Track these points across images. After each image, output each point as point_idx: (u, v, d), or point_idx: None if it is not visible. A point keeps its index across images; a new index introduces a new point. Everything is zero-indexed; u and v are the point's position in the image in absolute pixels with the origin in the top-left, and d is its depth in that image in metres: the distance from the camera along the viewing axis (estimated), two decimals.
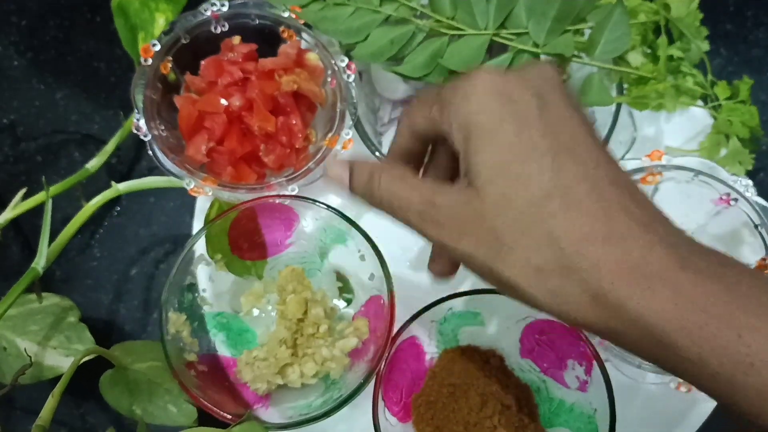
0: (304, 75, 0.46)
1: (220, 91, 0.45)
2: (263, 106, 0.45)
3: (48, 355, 0.47)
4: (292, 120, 0.46)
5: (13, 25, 0.61)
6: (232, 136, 0.45)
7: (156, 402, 0.44)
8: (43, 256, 0.46)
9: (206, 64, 0.47)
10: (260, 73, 0.45)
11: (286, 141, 0.46)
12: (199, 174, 0.45)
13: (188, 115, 0.45)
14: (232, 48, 0.47)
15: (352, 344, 0.44)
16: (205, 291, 0.47)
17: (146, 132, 0.45)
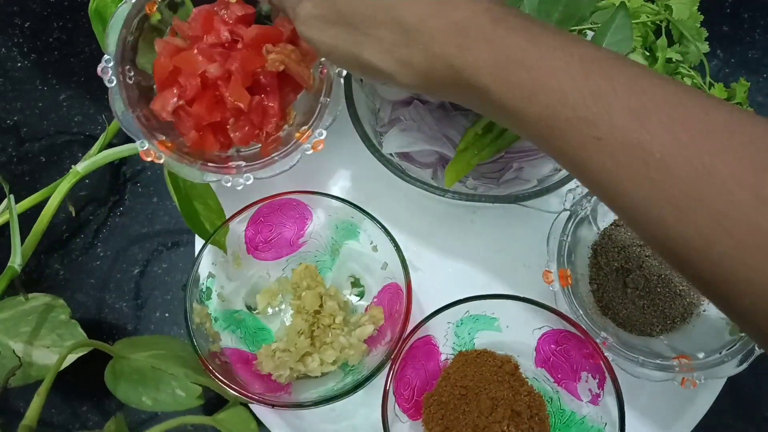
0: (295, 54, 0.43)
1: (203, 49, 0.42)
2: (241, 82, 0.42)
3: (41, 354, 0.47)
4: (268, 102, 0.44)
5: (16, 27, 0.62)
6: (202, 101, 0.42)
7: (164, 389, 0.45)
8: (18, 253, 0.46)
9: (196, 14, 0.43)
10: (249, 41, 0.42)
11: (257, 121, 0.44)
12: (156, 136, 0.43)
13: (164, 66, 0.42)
14: (228, 5, 0.43)
15: (368, 331, 0.46)
16: (223, 288, 0.48)
17: (111, 77, 0.41)
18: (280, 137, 0.45)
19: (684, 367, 0.43)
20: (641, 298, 0.47)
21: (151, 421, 0.50)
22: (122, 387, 0.45)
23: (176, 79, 0.42)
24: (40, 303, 0.48)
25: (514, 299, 0.44)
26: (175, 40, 0.43)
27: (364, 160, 0.47)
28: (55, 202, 0.48)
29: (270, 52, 0.42)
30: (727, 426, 0.49)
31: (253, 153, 0.45)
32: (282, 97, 0.44)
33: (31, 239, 0.48)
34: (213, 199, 0.48)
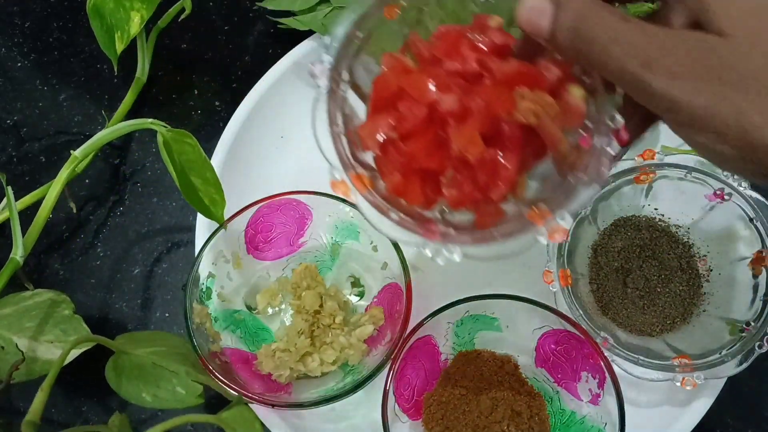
0: (553, 109, 0.32)
1: (439, 75, 0.33)
2: (478, 126, 0.32)
3: (45, 349, 0.47)
4: (504, 161, 0.33)
5: (16, 27, 0.62)
6: (422, 138, 0.33)
7: (164, 386, 0.45)
8: (19, 246, 0.46)
9: (442, 33, 0.35)
10: (501, 77, 0.32)
11: (482, 182, 0.33)
12: (353, 167, 0.34)
13: (387, 84, 0.33)
14: (485, 28, 0.34)
15: (368, 331, 0.46)
16: (223, 288, 0.48)
17: (326, 81, 0.34)
18: (502, 210, 0.35)
19: (684, 367, 0.43)
20: (641, 299, 0.47)
21: (153, 420, 0.50)
22: (123, 382, 0.45)
23: (395, 105, 0.33)
24: (44, 298, 0.48)
25: (514, 299, 0.44)
26: (406, 59, 0.34)
27: None
28: (55, 191, 0.48)
29: (523, 98, 0.31)
30: (727, 426, 0.49)
31: (461, 221, 0.36)
32: (522, 157, 0.34)
33: (33, 231, 0.48)
34: (210, 171, 0.46)
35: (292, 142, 0.55)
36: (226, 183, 0.46)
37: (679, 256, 0.48)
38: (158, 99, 0.59)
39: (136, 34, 0.51)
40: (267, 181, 0.52)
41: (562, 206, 0.32)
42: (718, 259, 0.47)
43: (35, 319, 0.47)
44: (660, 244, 0.48)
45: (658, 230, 0.49)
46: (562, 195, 0.32)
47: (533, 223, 0.32)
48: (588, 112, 0.32)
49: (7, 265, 0.46)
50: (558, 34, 0.27)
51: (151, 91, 0.59)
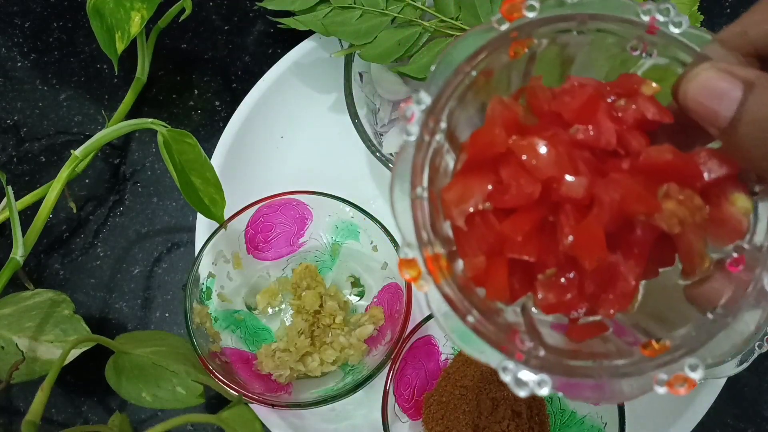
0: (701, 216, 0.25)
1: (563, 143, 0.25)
2: (604, 224, 0.24)
3: (45, 349, 0.47)
4: (626, 272, 0.25)
5: (16, 27, 0.62)
6: (525, 219, 0.25)
7: (164, 386, 0.45)
8: (20, 245, 0.46)
9: (573, 87, 0.27)
10: (644, 164, 0.25)
11: (590, 291, 0.26)
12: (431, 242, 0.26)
13: (490, 139, 0.26)
14: (633, 93, 0.26)
15: (368, 331, 0.46)
16: (223, 288, 0.48)
17: (415, 127, 0.26)
18: (605, 326, 0.27)
19: None
20: None
21: (153, 420, 0.50)
22: (123, 382, 0.45)
23: (497, 168, 0.26)
24: (44, 298, 0.48)
25: None
26: (519, 108, 0.27)
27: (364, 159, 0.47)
28: (55, 191, 0.47)
29: (669, 198, 0.24)
30: (726, 426, 0.49)
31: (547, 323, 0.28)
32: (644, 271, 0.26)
33: (33, 231, 0.47)
34: (210, 171, 0.46)
35: (292, 142, 0.55)
36: (226, 183, 0.46)
37: None
38: (158, 99, 0.59)
39: (136, 34, 0.51)
40: (267, 181, 0.52)
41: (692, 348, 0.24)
42: None
43: (35, 319, 0.47)
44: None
45: None
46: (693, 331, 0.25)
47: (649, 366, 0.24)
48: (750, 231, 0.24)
49: (7, 265, 0.46)
50: (742, 128, 0.21)
51: (151, 91, 0.59)
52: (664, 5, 0.26)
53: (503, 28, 0.26)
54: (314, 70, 0.55)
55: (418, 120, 0.26)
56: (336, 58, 0.50)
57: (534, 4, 0.26)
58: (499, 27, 0.26)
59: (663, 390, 0.23)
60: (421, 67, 0.45)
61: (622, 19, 0.26)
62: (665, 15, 0.26)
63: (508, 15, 0.26)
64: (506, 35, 0.26)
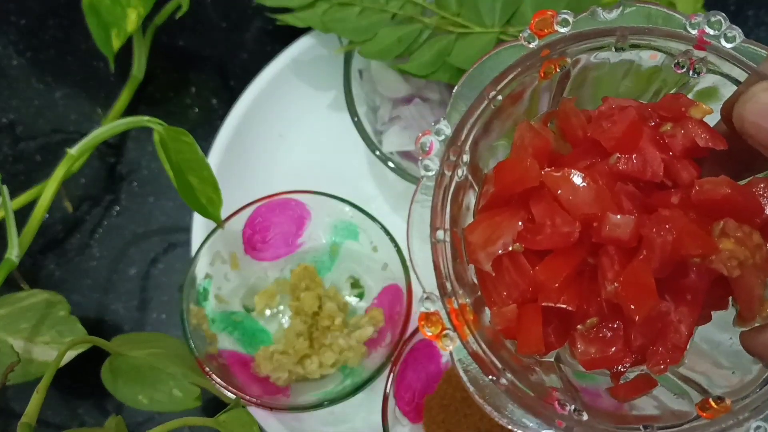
0: (761, 256, 0.22)
1: (603, 175, 0.23)
2: (655, 269, 0.21)
3: (40, 351, 0.46)
4: (678, 321, 0.22)
5: (12, 25, 0.61)
6: (562, 263, 0.22)
7: (161, 389, 0.44)
8: (15, 245, 0.46)
9: (611, 111, 0.24)
10: (698, 199, 0.22)
11: (638, 345, 0.23)
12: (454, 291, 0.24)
13: (518, 171, 0.23)
14: (680, 116, 0.23)
15: (368, 333, 0.45)
16: (221, 289, 0.47)
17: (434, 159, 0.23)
18: (654, 381, 0.24)
19: None
20: None
21: (149, 423, 0.50)
22: (119, 385, 0.44)
23: (528, 203, 0.23)
24: (39, 299, 0.47)
25: None
26: (551, 135, 0.24)
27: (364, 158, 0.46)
28: (51, 190, 0.47)
29: (726, 236, 0.21)
30: None
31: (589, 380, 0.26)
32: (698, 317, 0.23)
33: (28, 231, 0.47)
34: (207, 169, 0.45)
35: (291, 140, 0.55)
36: (224, 182, 0.46)
37: None
38: (155, 97, 0.58)
39: (132, 31, 0.51)
40: (265, 180, 0.52)
41: (757, 408, 0.21)
42: None
43: (31, 320, 0.47)
44: None
45: None
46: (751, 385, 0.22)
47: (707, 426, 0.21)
48: None
49: (2, 266, 0.45)
50: None
51: (148, 89, 0.58)
52: (716, 17, 0.23)
53: (533, 45, 0.23)
54: (313, 67, 0.55)
55: (437, 152, 0.23)
56: (335, 56, 0.50)
57: (568, 18, 0.23)
58: (529, 44, 0.23)
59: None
60: (421, 64, 0.45)
61: (668, 32, 0.23)
62: (717, 28, 0.23)
63: (538, 31, 0.23)
64: (537, 53, 0.23)
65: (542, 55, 0.24)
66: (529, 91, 0.25)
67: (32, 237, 0.47)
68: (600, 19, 0.24)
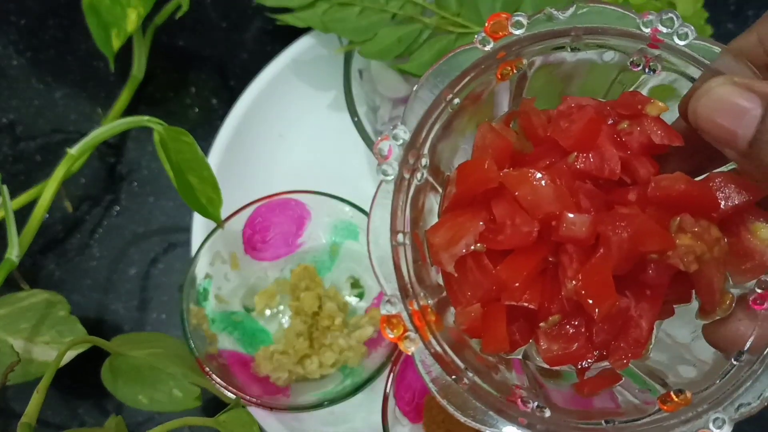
0: (720, 250, 0.22)
1: (561, 173, 0.23)
2: (613, 266, 0.22)
3: (41, 351, 0.46)
4: (639, 316, 0.23)
5: (12, 25, 0.61)
6: (523, 262, 0.23)
7: (161, 389, 0.44)
8: (15, 245, 0.45)
9: (570, 108, 0.24)
10: (655, 195, 0.22)
11: (599, 341, 0.23)
12: (415, 293, 0.24)
13: (479, 172, 0.23)
14: (637, 113, 0.24)
15: (368, 333, 0.45)
16: (221, 289, 0.47)
17: (393, 163, 0.23)
18: (618, 376, 0.25)
19: None
20: None
21: (149, 423, 0.50)
22: (119, 385, 0.44)
23: (489, 204, 0.23)
24: (39, 299, 0.47)
25: None
26: (512, 134, 0.25)
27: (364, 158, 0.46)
28: (51, 190, 0.47)
29: (683, 232, 0.21)
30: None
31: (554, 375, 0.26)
32: (659, 311, 0.23)
33: (29, 231, 0.47)
34: (207, 169, 0.45)
35: (291, 140, 0.55)
36: (224, 182, 0.46)
37: None
38: (155, 97, 0.58)
39: (132, 31, 0.51)
40: (265, 180, 0.52)
41: (717, 401, 0.21)
42: None
43: (31, 320, 0.47)
44: None
45: None
46: (712, 378, 0.22)
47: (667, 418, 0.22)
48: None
49: (3, 266, 0.45)
50: (765, 149, 0.19)
51: (148, 89, 0.58)
52: (667, 15, 0.24)
53: (488, 48, 0.23)
54: (313, 67, 0.55)
55: (396, 157, 0.23)
56: (335, 56, 0.50)
57: (521, 20, 0.23)
58: (484, 47, 0.23)
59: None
60: (421, 64, 0.45)
61: (621, 32, 0.24)
62: (669, 26, 0.23)
63: (493, 33, 0.23)
64: (492, 56, 0.23)
65: (498, 57, 0.24)
66: (488, 92, 0.25)
67: (32, 237, 0.47)
68: (555, 20, 0.24)
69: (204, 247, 0.45)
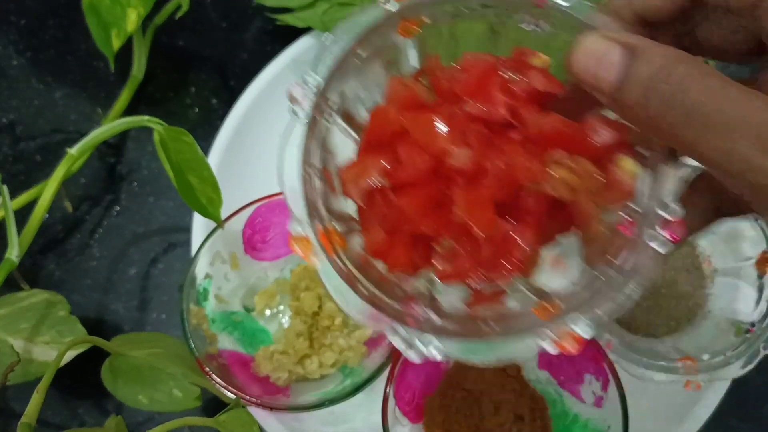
0: (593, 181, 0.25)
1: (455, 117, 0.26)
2: (492, 194, 0.25)
3: (40, 351, 0.46)
4: (520, 239, 0.26)
5: (12, 25, 0.61)
6: (419, 193, 0.26)
7: (161, 389, 0.44)
8: (15, 245, 0.46)
9: (468, 63, 0.27)
10: (534, 134, 0.25)
11: (486, 260, 0.26)
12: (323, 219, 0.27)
13: (387, 118, 0.26)
14: (525, 67, 0.27)
15: (368, 333, 0.46)
16: (221, 289, 0.47)
17: (306, 108, 0.27)
18: (505, 292, 0.28)
19: (688, 369, 0.42)
20: (645, 300, 0.46)
21: (149, 423, 0.50)
22: (119, 385, 0.44)
23: (394, 146, 0.26)
24: (39, 299, 0.48)
25: None
26: (419, 87, 0.27)
27: None
28: (51, 190, 0.47)
29: (558, 165, 0.25)
30: (731, 428, 0.49)
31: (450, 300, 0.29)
32: (542, 234, 0.27)
33: (28, 231, 0.47)
34: (207, 169, 0.45)
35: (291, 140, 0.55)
36: (224, 182, 0.46)
37: (683, 257, 0.47)
38: (155, 97, 0.58)
39: (132, 31, 0.51)
40: (265, 180, 0.51)
41: (583, 308, 0.24)
42: (723, 260, 0.47)
43: (31, 320, 0.47)
44: None
45: None
46: (585, 292, 0.25)
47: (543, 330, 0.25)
48: (637, 193, 0.25)
49: (2, 266, 0.45)
50: (628, 93, 0.21)
51: (148, 89, 0.58)
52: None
53: (390, 7, 0.26)
54: None
55: (308, 100, 0.26)
56: None
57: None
58: (386, 6, 0.26)
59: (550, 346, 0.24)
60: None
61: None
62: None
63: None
64: (396, 15, 0.26)
65: (401, 15, 0.27)
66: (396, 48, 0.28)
67: (32, 237, 0.47)
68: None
69: (204, 247, 0.45)
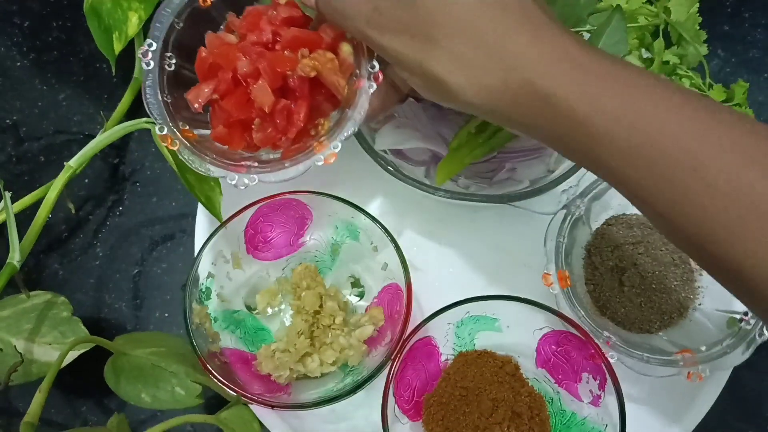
0: (332, 64, 0.40)
1: (244, 47, 0.41)
2: (268, 82, 0.40)
3: (43, 351, 0.47)
4: (296, 109, 0.41)
5: (15, 26, 0.62)
6: (232, 96, 0.41)
7: (163, 387, 0.45)
8: (16, 250, 0.46)
9: (248, 13, 0.42)
10: (285, 42, 0.40)
11: (281, 126, 0.41)
12: (180, 125, 0.42)
13: (204, 58, 0.41)
14: (277, 6, 0.42)
15: (368, 332, 0.46)
16: (223, 288, 0.48)
17: (150, 60, 0.41)
18: (306, 146, 0.42)
19: (688, 361, 0.43)
20: (638, 296, 0.47)
21: (152, 421, 0.50)
22: (122, 383, 0.45)
23: (216, 73, 0.41)
24: (41, 300, 0.48)
25: (514, 300, 0.44)
26: (228, 36, 0.42)
27: (364, 158, 0.46)
28: (51, 198, 0.48)
29: (305, 57, 0.40)
30: (728, 426, 0.49)
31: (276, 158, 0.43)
32: (313, 107, 0.42)
33: (29, 236, 0.47)
34: None
35: None
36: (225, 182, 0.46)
37: (671, 252, 0.48)
38: None
39: (134, 34, 0.51)
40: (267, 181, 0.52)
41: (337, 136, 0.40)
42: None
43: (33, 321, 0.47)
44: (652, 241, 0.48)
45: (650, 227, 0.49)
46: (338, 128, 0.40)
47: (315, 152, 0.40)
48: (356, 62, 0.40)
49: (4, 270, 0.46)
50: (319, 6, 0.38)
51: None
52: None
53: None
54: None
55: (152, 56, 0.41)
56: None
57: None
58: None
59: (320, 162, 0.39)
60: None
61: None
62: None
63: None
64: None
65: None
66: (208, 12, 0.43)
67: (35, 239, 0.47)
68: None
69: (206, 247, 0.45)
